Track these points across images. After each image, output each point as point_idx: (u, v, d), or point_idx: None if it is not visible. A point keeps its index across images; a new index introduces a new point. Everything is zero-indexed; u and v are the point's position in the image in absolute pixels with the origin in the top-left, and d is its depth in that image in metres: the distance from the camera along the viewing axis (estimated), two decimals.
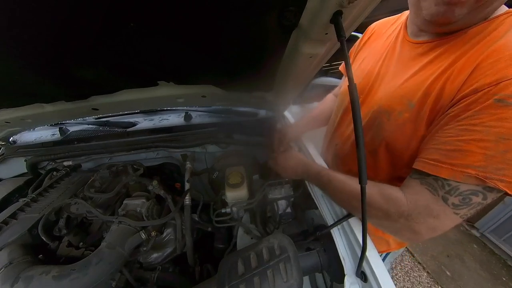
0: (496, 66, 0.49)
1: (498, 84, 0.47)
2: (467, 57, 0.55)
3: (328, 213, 0.74)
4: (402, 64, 0.71)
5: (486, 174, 0.47)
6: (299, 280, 0.57)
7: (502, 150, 0.46)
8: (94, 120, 1.39)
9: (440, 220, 0.54)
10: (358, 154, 0.43)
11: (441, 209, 0.53)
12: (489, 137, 0.47)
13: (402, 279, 2.17)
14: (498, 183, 0.46)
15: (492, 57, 0.51)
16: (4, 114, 0.86)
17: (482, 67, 0.51)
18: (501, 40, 0.52)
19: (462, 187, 0.51)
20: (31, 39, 0.46)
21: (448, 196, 0.52)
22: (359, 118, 0.42)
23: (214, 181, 1.19)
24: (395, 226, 0.60)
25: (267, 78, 0.76)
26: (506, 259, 2.27)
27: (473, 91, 0.51)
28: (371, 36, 0.92)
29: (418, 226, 0.56)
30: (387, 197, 0.60)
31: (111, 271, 0.74)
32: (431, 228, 0.56)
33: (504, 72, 0.47)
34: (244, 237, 0.93)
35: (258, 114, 1.31)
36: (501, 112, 0.46)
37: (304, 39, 0.51)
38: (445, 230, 0.56)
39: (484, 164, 0.48)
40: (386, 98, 0.71)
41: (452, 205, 0.52)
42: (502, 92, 0.47)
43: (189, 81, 0.80)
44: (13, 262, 0.73)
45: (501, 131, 0.46)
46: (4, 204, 0.97)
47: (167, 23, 0.46)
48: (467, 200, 0.51)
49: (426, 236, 0.57)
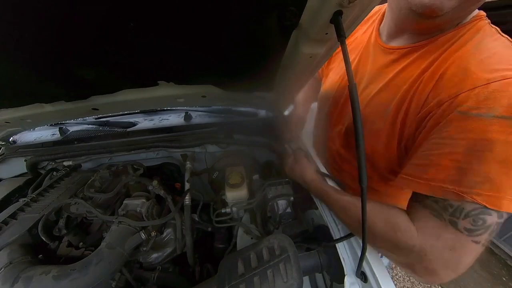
0: (453, 80, 0.51)
1: (457, 96, 0.49)
2: (435, 66, 0.56)
3: (328, 213, 0.74)
4: (376, 70, 0.72)
5: (462, 189, 0.46)
6: (299, 280, 0.57)
7: (473, 162, 0.46)
8: (94, 120, 1.39)
9: (457, 252, 0.47)
10: (358, 154, 0.43)
11: (453, 237, 0.47)
12: (458, 149, 0.47)
13: (402, 279, 2.17)
14: (475, 197, 0.44)
15: (451, 68, 0.53)
16: (4, 114, 0.86)
17: (443, 78, 0.53)
18: (461, 49, 0.53)
19: (467, 207, 0.46)
20: (31, 39, 0.46)
21: (456, 220, 0.47)
22: (359, 118, 0.42)
23: (214, 181, 1.19)
24: (407, 262, 0.54)
25: (267, 78, 0.76)
26: (506, 259, 2.27)
27: (437, 104, 0.52)
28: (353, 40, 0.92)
29: (434, 264, 0.49)
30: (394, 228, 0.54)
31: (111, 271, 0.74)
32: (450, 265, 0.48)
33: (461, 85, 0.49)
34: (244, 237, 0.92)
35: (258, 114, 1.31)
36: (466, 124, 0.47)
37: (304, 39, 0.51)
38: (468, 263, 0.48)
39: (458, 178, 0.47)
40: (362, 106, 0.71)
41: (465, 230, 0.46)
42: (463, 104, 0.48)
43: (189, 81, 0.80)
44: (13, 262, 0.72)
45: (469, 142, 0.46)
46: (4, 204, 0.97)
47: (167, 23, 0.46)
48: (480, 222, 0.45)
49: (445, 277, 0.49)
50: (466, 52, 0.53)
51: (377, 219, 0.57)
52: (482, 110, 0.46)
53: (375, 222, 0.56)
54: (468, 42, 0.54)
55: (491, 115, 0.45)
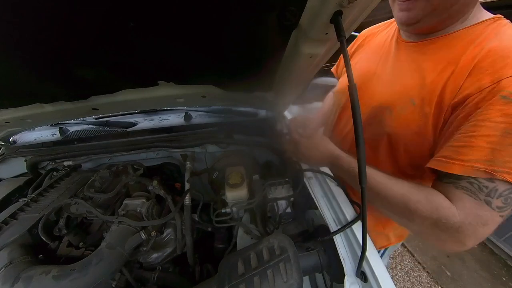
0: (495, 66, 0.52)
1: (500, 81, 0.50)
2: (465, 57, 0.58)
3: (328, 213, 0.74)
4: (399, 62, 0.74)
5: (494, 168, 0.49)
6: (299, 280, 0.57)
7: (507, 144, 0.48)
8: (94, 120, 1.39)
9: (489, 227, 0.52)
10: (358, 154, 0.43)
11: (489, 214, 0.51)
12: (496, 132, 0.49)
13: (402, 279, 2.16)
14: (506, 176, 0.48)
15: (488, 57, 0.54)
16: (4, 114, 0.86)
17: (481, 67, 0.54)
18: (493, 42, 0.56)
19: (500, 188, 0.50)
20: (31, 39, 0.46)
21: (491, 199, 0.51)
22: (359, 118, 0.42)
23: (214, 181, 1.19)
24: (440, 237, 0.57)
25: (267, 78, 0.76)
26: (506, 259, 2.27)
27: (478, 89, 0.53)
28: (364, 40, 0.96)
29: (468, 238, 0.53)
30: (436, 206, 0.56)
31: (111, 271, 0.74)
32: (479, 238, 0.53)
33: (502, 71, 0.51)
34: (244, 237, 0.92)
35: (258, 114, 1.31)
36: (507, 109, 0.49)
37: (304, 39, 0.51)
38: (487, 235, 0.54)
39: (491, 158, 0.49)
40: (386, 95, 0.73)
41: (497, 208, 0.51)
42: (506, 89, 0.49)
43: (189, 81, 0.80)
44: (13, 262, 0.73)
45: (506, 126, 0.48)
46: (4, 204, 0.97)
47: (167, 23, 0.46)
48: (509, 200, 0.50)
49: (471, 246, 0.55)
50: (501, 43, 0.55)
51: (419, 196, 0.58)
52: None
53: (417, 199, 0.58)
54: (499, 34, 0.56)
55: None
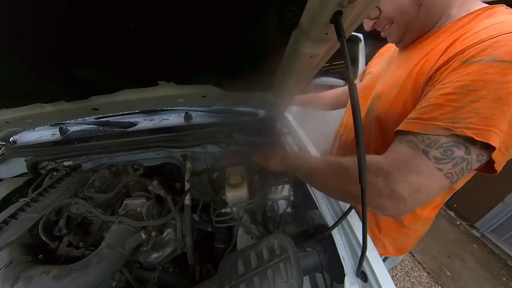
0: (463, 43, 0.55)
1: (464, 51, 0.53)
2: (444, 43, 0.62)
3: (328, 213, 0.74)
4: (393, 63, 0.84)
5: (454, 124, 0.49)
6: (299, 280, 0.57)
7: (468, 100, 0.49)
8: (94, 120, 1.39)
9: (422, 176, 0.51)
10: (358, 154, 0.43)
11: (422, 163, 0.51)
12: (456, 90, 0.50)
13: (402, 279, 2.17)
14: (465, 131, 0.47)
15: (461, 38, 0.57)
16: (4, 114, 0.86)
17: (454, 45, 0.58)
18: (475, 28, 0.58)
19: (442, 139, 0.50)
20: (31, 39, 0.46)
21: (429, 149, 0.51)
22: (359, 118, 0.42)
23: (214, 181, 1.19)
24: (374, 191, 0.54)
25: (267, 78, 0.76)
26: (506, 259, 2.28)
27: (446, 62, 0.56)
28: (384, 49, 1.06)
29: (399, 185, 0.51)
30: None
31: (111, 271, 0.74)
32: (414, 188, 0.51)
33: (469, 44, 0.53)
34: (244, 237, 0.92)
35: (258, 114, 1.31)
36: (465, 69, 0.51)
37: (304, 39, 0.51)
38: (431, 191, 0.52)
39: (453, 115, 0.50)
40: (380, 86, 0.81)
41: (434, 158, 0.50)
42: (467, 56, 0.52)
43: (189, 81, 0.80)
44: (13, 262, 0.73)
45: (466, 83, 0.49)
46: (4, 204, 0.97)
47: (167, 23, 0.46)
48: (449, 152, 0.49)
49: (409, 199, 0.51)
50: (479, 26, 0.57)
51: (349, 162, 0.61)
52: (483, 56, 0.49)
53: (348, 164, 0.60)
54: (483, 21, 0.59)
55: (491, 59, 0.48)
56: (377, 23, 0.75)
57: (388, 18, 0.72)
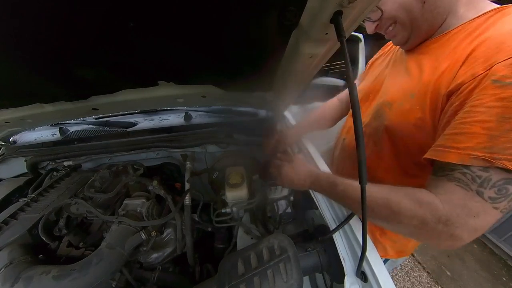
0: (488, 54, 0.52)
1: (492, 67, 0.50)
2: (460, 49, 0.59)
3: (328, 213, 0.74)
4: (399, 65, 0.79)
5: (493, 155, 0.47)
6: (299, 280, 0.57)
7: (506, 129, 0.46)
8: (94, 120, 1.39)
9: (480, 218, 0.50)
10: (358, 154, 0.43)
11: (479, 206, 0.49)
12: (491, 118, 0.48)
13: (402, 279, 2.17)
14: (506, 163, 0.46)
15: (482, 46, 0.55)
16: (4, 114, 0.86)
17: (475, 56, 0.55)
18: (490, 32, 0.56)
19: (494, 177, 0.48)
20: (31, 39, 0.46)
21: (483, 190, 0.49)
22: (359, 118, 0.42)
23: (214, 181, 1.19)
24: (433, 234, 0.54)
25: (267, 78, 0.76)
26: (506, 259, 2.28)
27: (471, 77, 0.53)
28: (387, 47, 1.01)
29: (459, 230, 0.50)
30: (419, 202, 0.54)
31: (111, 271, 0.74)
32: (472, 230, 0.51)
33: (495, 57, 0.50)
34: (244, 237, 0.93)
35: (258, 114, 1.31)
36: (500, 93, 0.48)
37: (304, 39, 0.51)
38: (487, 227, 0.51)
39: (490, 145, 0.47)
40: (388, 92, 0.78)
41: (489, 199, 0.48)
42: (497, 73, 0.49)
43: (189, 81, 0.80)
44: (13, 262, 0.73)
45: (502, 111, 0.47)
46: (4, 204, 0.97)
47: (167, 23, 0.46)
48: (504, 191, 0.48)
49: (468, 239, 0.52)
50: (497, 31, 0.54)
51: (398, 196, 0.56)
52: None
53: (398, 200, 0.56)
54: (498, 23, 0.56)
55: None
56: (379, 25, 0.72)
57: (391, 18, 0.69)
